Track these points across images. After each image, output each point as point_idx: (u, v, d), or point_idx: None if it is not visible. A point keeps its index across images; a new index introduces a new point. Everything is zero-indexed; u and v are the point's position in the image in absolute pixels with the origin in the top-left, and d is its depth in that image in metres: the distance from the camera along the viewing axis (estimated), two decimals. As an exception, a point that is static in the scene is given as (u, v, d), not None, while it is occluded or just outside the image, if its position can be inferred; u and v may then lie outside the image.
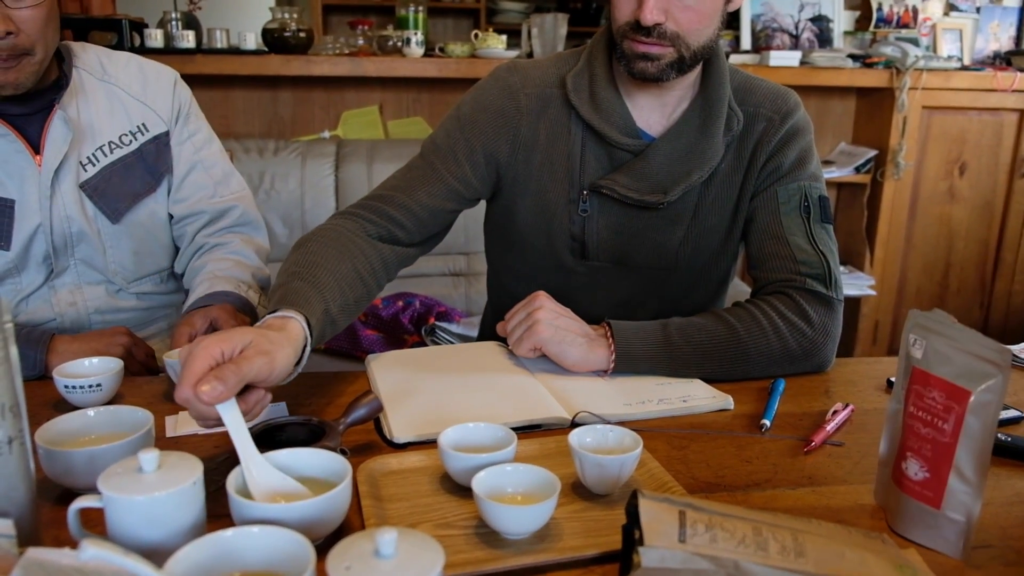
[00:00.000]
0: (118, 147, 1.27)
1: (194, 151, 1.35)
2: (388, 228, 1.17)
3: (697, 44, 1.10)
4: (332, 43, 2.62)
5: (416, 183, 1.20)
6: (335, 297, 1.01)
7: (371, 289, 1.12)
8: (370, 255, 1.12)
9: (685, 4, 1.07)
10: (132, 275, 1.32)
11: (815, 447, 0.91)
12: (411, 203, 1.18)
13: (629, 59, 1.11)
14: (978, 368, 0.68)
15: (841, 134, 3.05)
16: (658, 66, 1.10)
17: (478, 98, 1.23)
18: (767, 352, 1.09)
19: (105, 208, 1.26)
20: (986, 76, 2.83)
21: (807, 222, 1.17)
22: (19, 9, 1.09)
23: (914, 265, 3.02)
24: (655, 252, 1.24)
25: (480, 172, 1.22)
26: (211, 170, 1.37)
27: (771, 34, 2.91)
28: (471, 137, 1.21)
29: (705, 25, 1.09)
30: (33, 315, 1.24)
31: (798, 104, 1.24)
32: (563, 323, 1.09)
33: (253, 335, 0.81)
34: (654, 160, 1.18)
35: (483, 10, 5.22)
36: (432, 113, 2.82)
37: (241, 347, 0.78)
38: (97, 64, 1.29)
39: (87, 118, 1.25)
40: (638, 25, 1.07)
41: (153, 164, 1.31)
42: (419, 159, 1.24)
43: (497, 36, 2.72)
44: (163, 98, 1.33)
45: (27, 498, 0.65)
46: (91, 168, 1.25)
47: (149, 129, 1.30)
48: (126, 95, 1.29)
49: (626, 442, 0.80)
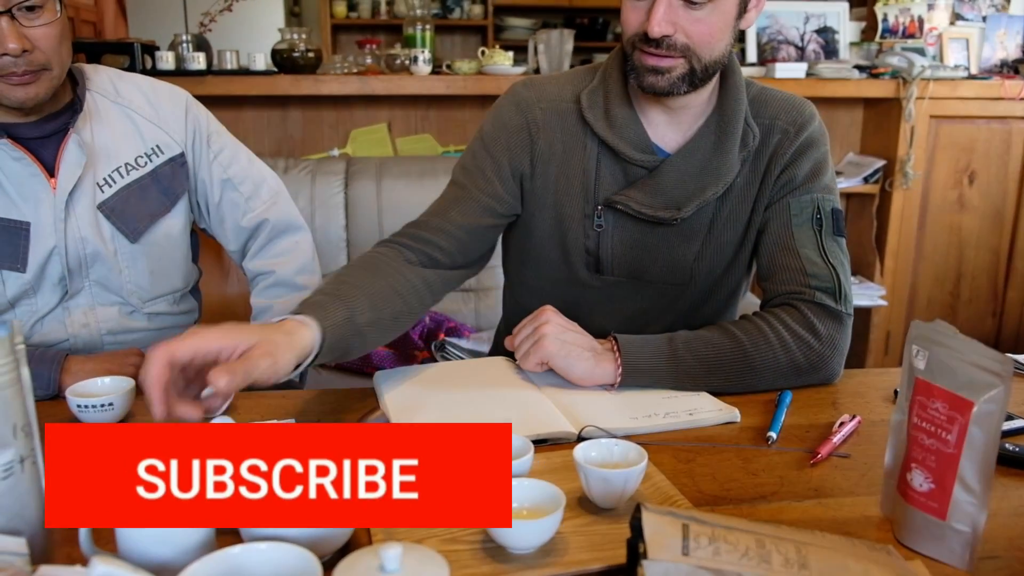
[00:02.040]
0: (134, 168, 1.29)
1: (222, 171, 1.38)
2: (426, 252, 1.19)
3: (708, 58, 1.10)
4: (341, 62, 2.65)
5: (449, 206, 1.22)
6: (363, 309, 1.03)
7: (412, 306, 1.14)
8: (408, 275, 1.15)
9: (695, 16, 1.07)
10: (148, 294, 1.33)
11: (821, 459, 0.91)
12: (446, 224, 1.20)
13: (639, 72, 1.12)
14: (980, 379, 0.68)
15: (849, 144, 3.05)
16: (668, 79, 1.10)
17: (497, 117, 1.25)
18: (774, 366, 1.09)
19: (123, 228, 1.28)
20: (994, 85, 2.83)
21: (819, 235, 1.17)
22: (34, 27, 1.12)
23: (925, 275, 3.01)
24: (670, 267, 1.24)
25: (510, 187, 1.24)
26: (241, 186, 1.40)
27: (777, 46, 2.92)
28: (496, 154, 1.23)
29: (716, 39, 1.09)
30: (47, 336, 1.26)
31: (813, 115, 1.24)
32: (569, 337, 1.09)
33: (259, 336, 0.84)
34: (668, 176, 1.18)
35: (490, 26, 5.26)
36: (440, 130, 2.84)
37: (244, 347, 0.81)
38: (110, 86, 1.31)
39: (102, 140, 1.27)
40: (647, 37, 1.07)
41: (168, 185, 1.33)
42: (450, 185, 1.26)
43: (504, 53, 2.74)
44: (176, 120, 1.35)
45: (38, 517, 0.66)
46: (108, 189, 1.27)
47: (163, 152, 1.33)
48: (140, 117, 1.32)
49: (631, 456, 0.81)
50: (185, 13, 4.07)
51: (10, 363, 0.63)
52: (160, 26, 3.85)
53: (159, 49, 2.47)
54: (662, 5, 1.05)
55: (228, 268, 2.13)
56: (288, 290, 1.42)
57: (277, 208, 1.44)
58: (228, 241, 1.44)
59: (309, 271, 1.45)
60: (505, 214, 1.25)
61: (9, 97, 1.14)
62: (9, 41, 1.09)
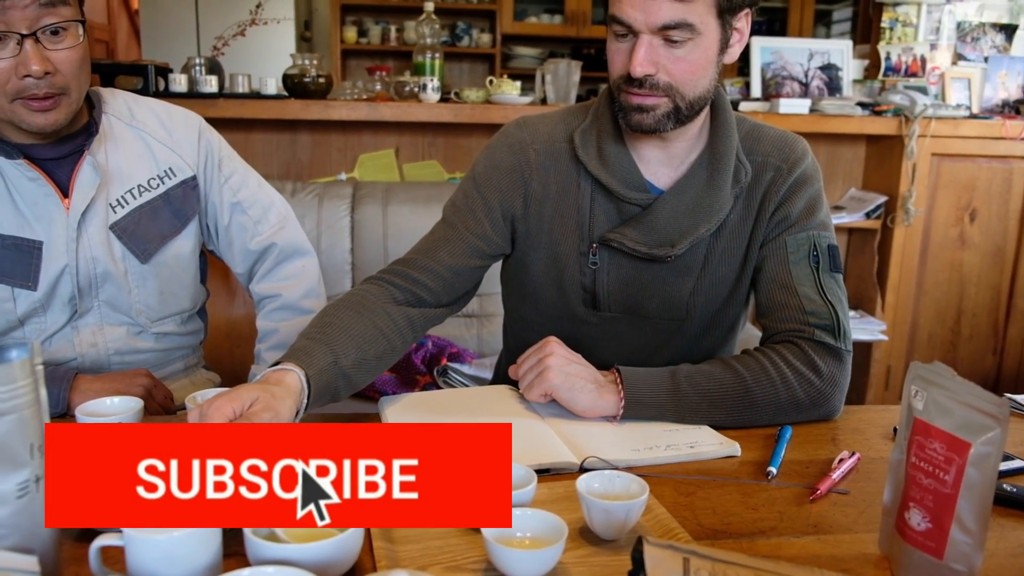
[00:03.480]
0: (146, 190, 1.31)
1: (232, 195, 1.40)
2: (413, 291, 1.21)
3: (692, 94, 1.12)
4: (351, 88, 2.69)
5: (438, 245, 1.24)
6: (348, 352, 1.06)
7: (395, 346, 1.16)
8: (393, 314, 1.17)
9: (675, 55, 1.09)
10: (156, 314, 1.35)
11: (821, 495, 0.92)
12: (434, 264, 1.22)
13: (626, 111, 1.14)
14: (977, 421, 0.69)
15: (851, 180, 3.08)
16: (654, 117, 1.13)
17: (490, 157, 1.27)
18: (775, 401, 1.10)
19: (134, 248, 1.30)
20: (995, 124, 2.86)
21: (816, 272, 1.19)
22: (57, 50, 1.14)
23: (926, 311, 3.02)
24: (665, 303, 1.26)
25: (499, 228, 1.26)
26: (250, 210, 1.42)
27: (781, 82, 2.95)
28: (487, 195, 1.25)
29: (698, 76, 1.11)
30: (55, 354, 1.28)
31: (806, 152, 1.25)
32: (573, 369, 1.11)
33: (258, 391, 0.89)
34: (661, 214, 1.20)
35: (498, 55, 5.32)
36: (447, 157, 2.87)
37: (249, 403, 0.86)
38: (126, 109, 1.34)
39: (116, 162, 1.29)
40: (631, 77, 1.10)
41: (180, 207, 1.35)
42: (440, 223, 1.28)
43: (511, 82, 2.78)
44: (189, 144, 1.37)
45: (51, 535, 0.67)
46: (120, 210, 1.29)
47: (176, 174, 1.35)
48: (154, 140, 1.34)
49: (633, 488, 0.82)
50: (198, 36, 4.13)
51: (30, 384, 0.65)
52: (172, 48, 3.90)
53: (172, 71, 2.50)
54: (643, 46, 1.08)
55: (235, 289, 2.15)
56: (294, 313, 1.44)
57: (285, 232, 1.46)
58: (236, 264, 1.46)
59: (315, 295, 1.47)
60: (492, 254, 1.28)
61: (29, 123, 1.16)
62: (33, 63, 1.11)
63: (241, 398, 0.87)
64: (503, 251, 1.29)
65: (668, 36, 1.07)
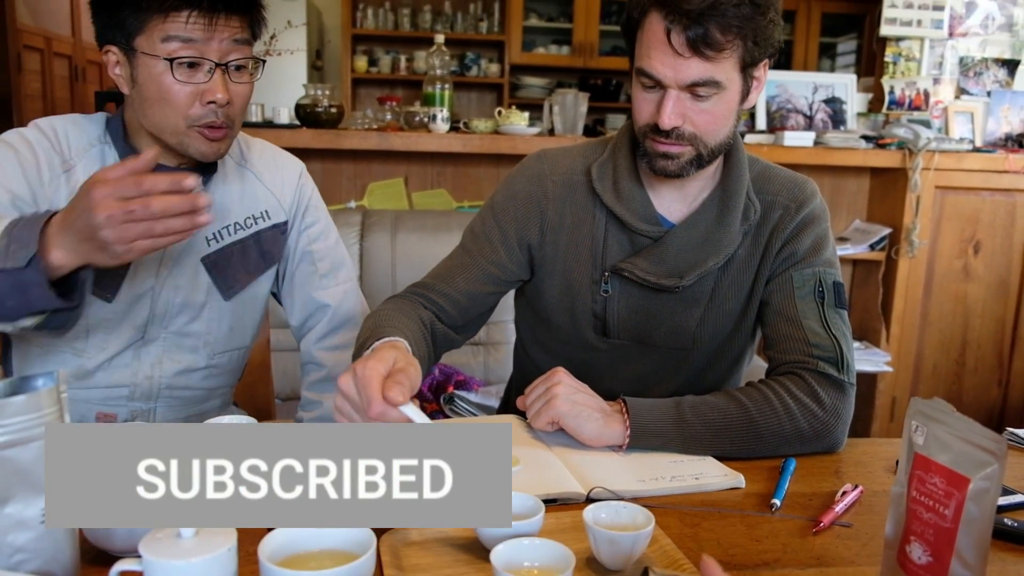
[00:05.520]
0: (241, 228, 1.33)
1: (308, 243, 1.41)
2: (433, 311, 1.26)
3: (715, 143, 1.18)
4: (361, 119, 2.73)
5: (455, 271, 1.29)
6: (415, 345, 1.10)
7: (430, 354, 1.22)
8: (426, 322, 1.23)
9: (701, 108, 1.14)
10: (222, 348, 1.36)
11: (824, 528, 0.93)
12: (450, 290, 1.27)
13: (651, 157, 1.19)
14: (976, 456, 0.71)
15: (856, 211, 3.11)
16: (678, 164, 1.17)
17: (509, 187, 1.32)
18: (778, 432, 1.12)
19: (221, 283, 1.31)
20: (998, 158, 2.89)
21: (821, 307, 1.21)
22: (237, 84, 1.18)
23: (931, 342, 3.03)
24: (673, 332, 1.28)
25: (515, 256, 1.30)
26: (319, 262, 1.42)
27: (786, 115, 2.99)
28: (504, 223, 1.29)
29: (720, 125, 1.16)
30: (112, 378, 1.28)
31: (815, 193, 1.29)
32: (580, 398, 1.13)
33: (393, 352, 0.94)
34: (671, 246, 1.23)
35: (506, 84, 5.40)
36: (456, 186, 2.91)
37: (392, 362, 0.91)
38: (237, 148, 1.36)
39: (221, 199, 1.30)
40: (657, 127, 1.14)
41: (267, 250, 1.36)
42: (458, 249, 1.32)
43: (519, 113, 2.82)
44: (289, 189, 1.39)
45: (72, 560, 0.69)
46: (215, 244, 1.30)
47: (270, 217, 1.36)
48: (257, 181, 1.36)
49: (639, 519, 0.83)
50: (212, 64, 4.19)
51: (55, 412, 0.67)
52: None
53: (188, 100, 2.54)
54: (670, 100, 1.12)
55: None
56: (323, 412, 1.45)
57: (347, 297, 1.46)
58: (293, 313, 1.45)
59: None
60: (507, 281, 1.31)
61: (200, 150, 1.19)
62: (219, 91, 1.15)
63: (384, 359, 0.92)
64: (519, 278, 1.33)
65: (695, 92, 1.12)
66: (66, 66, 5.79)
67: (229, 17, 1.14)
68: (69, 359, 1.26)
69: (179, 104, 1.15)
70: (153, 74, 1.14)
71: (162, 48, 1.13)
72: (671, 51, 1.10)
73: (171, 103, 1.15)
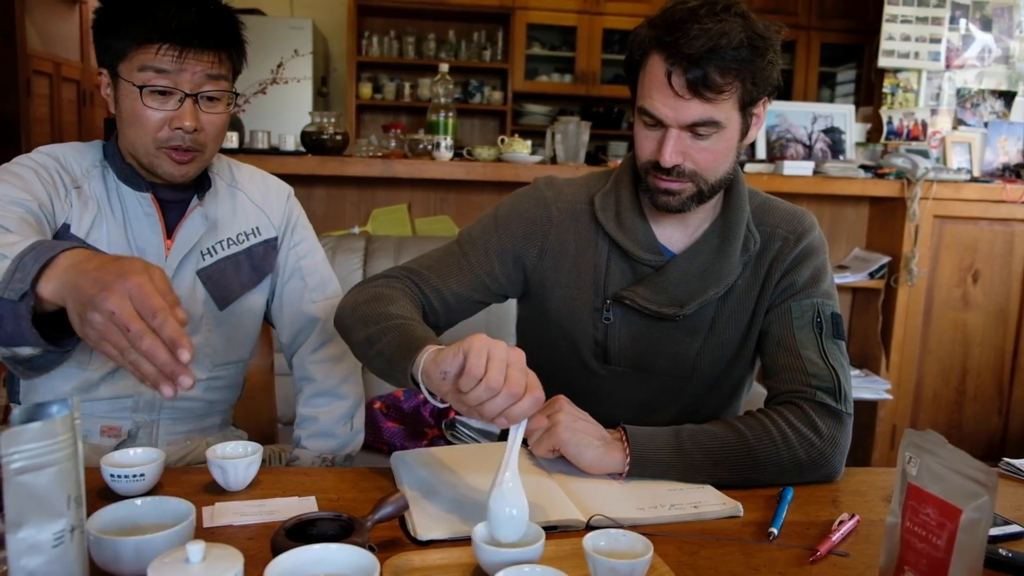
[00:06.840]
0: (234, 244, 1.40)
1: (296, 259, 1.48)
2: (423, 304, 1.28)
3: (715, 179, 1.21)
4: (366, 146, 2.77)
5: (451, 270, 1.30)
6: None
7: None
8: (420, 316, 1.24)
9: (701, 146, 1.17)
10: (220, 359, 1.41)
11: (821, 557, 0.94)
12: (443, 288, 1.29)
13: (653, 193, 1.22)
14: (967, 488, 0.73)
15: (855, 240, 3.13)
16: (679, 199, 1.21)
17: (515, 204, 1.34)
18: (776, 461, 1.13)
19: (216, 294, 1.37)
20: (995, 188, 2.92)
21: (819, 337, 1.23)
22: (207, 114, 1.25)
23: (931, 370, 3.04)
24: (673, 360, 1.30)
25: (507, 271, 1.32)
26: (308, 277, 1.49)
27: (785, 144, 3.03)
28: (503, 237, 1.31)
29: (720, 162, 1.20)
30: (117, 389, 1.31)
31: (813, 225, 1.32)
32: (581, 426, 1.14)
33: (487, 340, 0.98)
34: (672, 276, 1.26)
35: (509, 112, 5.45)
36: (458, 212, 2.94)
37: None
38: (228, 171, 1.44)
39: (213, 215, 1.38)
40: (659, 164, 1.17)
41: (259, 264, 1.43)
42: (455, 246, 1.34)
43: (522, 141, 2.86)
44: (278, 208, 1.47)
45: (83, 584, 0.70)
46: (209, 258, 1.37)
47: (261, 233, 1.44)
48: (248, 201, 1.43)
49: (638, 547, 0.85)
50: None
51: (69, 438, 0.69)
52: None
53: (195, 127, 2.58)
54: (671, 139, 1.16)
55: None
56: (332, 399, 1.49)
57: (334, 312, 1.48)
58: (283, 330, 1.50)
59: (353, 381, 1.52)
60: (496, 293, 1.34)
61: (166, 170, 1.25)
62: (186, 119, 1.22)
63: (500, 345, 0.96)
64: (507, 293, 1.35)
65: (695, 131, 1.16)
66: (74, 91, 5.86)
67: (201, 52, 1.21)
68: (74, 371, 1.29)
69: (149, 127, 1.22)
70: (128, 98, 1.22)
71: (137, 76, 1.20)
72: (672, 92, 1.13)
73: (142, 125, 1.22)
